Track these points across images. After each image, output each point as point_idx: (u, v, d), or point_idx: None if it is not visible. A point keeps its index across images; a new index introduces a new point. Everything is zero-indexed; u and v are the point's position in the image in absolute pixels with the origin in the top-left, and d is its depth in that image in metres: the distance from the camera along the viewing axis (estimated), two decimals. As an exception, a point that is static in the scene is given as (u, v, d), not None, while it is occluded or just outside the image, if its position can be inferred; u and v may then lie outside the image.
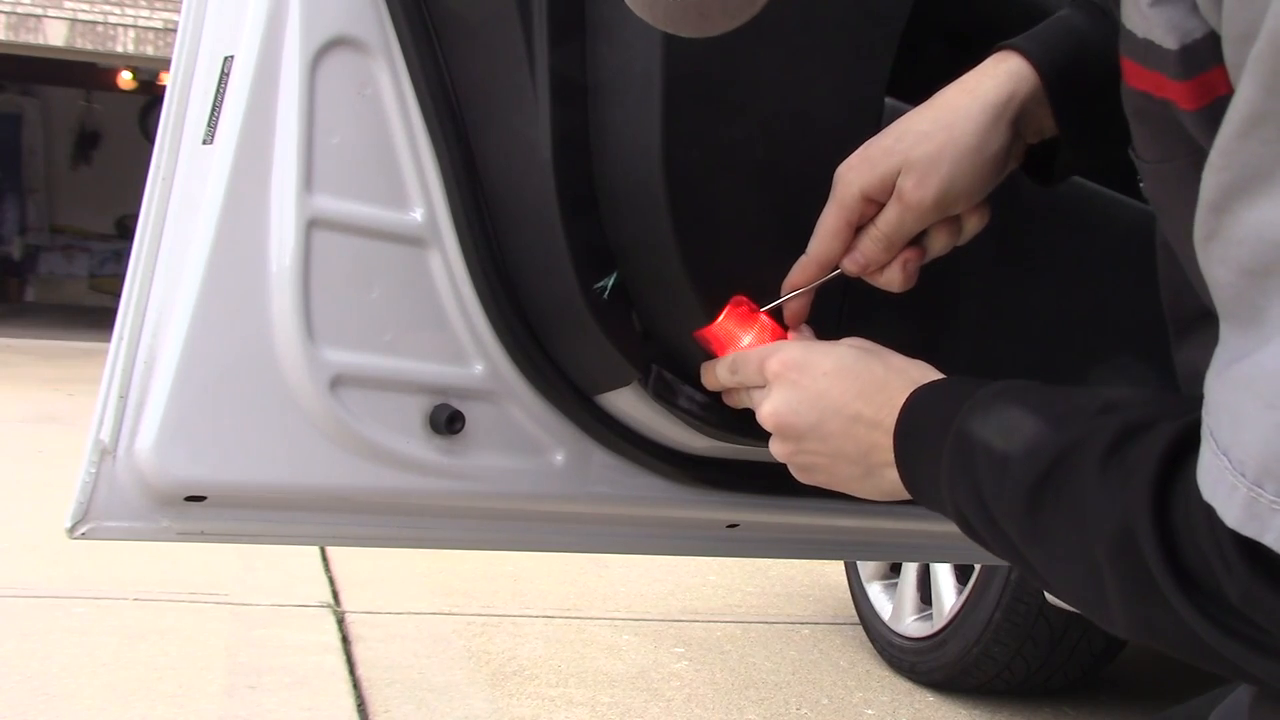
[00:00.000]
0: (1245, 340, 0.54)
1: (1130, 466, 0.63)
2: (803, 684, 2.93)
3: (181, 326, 0.97)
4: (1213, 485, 0.55)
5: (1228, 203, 0.53)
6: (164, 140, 1.00)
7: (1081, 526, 0.65)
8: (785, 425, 0.83)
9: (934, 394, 0.79)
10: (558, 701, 2.65)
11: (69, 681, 2.51)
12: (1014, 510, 0.69)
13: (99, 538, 0.99)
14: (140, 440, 0.97)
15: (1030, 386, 0.74)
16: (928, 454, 0.76)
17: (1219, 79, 0.54)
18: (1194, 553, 0.58)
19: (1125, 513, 0.61)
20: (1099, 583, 0.64)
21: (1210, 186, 0.54)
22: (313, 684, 2.61)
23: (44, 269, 13.98)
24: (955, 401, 0.75)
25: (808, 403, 0.82)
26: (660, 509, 1.21)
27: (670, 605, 3.50)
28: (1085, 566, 0.65)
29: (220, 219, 0.98)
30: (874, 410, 0.80)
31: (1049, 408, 0.70)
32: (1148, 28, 0.58)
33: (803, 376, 0.83)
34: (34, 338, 9.87)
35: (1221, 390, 0.56)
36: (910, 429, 0.78)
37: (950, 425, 0.74)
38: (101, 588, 3.13)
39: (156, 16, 9.63)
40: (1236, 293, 0.54)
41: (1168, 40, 0.56)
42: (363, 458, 1.04)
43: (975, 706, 2.87)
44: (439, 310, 1.07)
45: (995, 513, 0.71)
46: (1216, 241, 0.55)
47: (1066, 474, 0.66)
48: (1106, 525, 0.62)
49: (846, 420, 0.81)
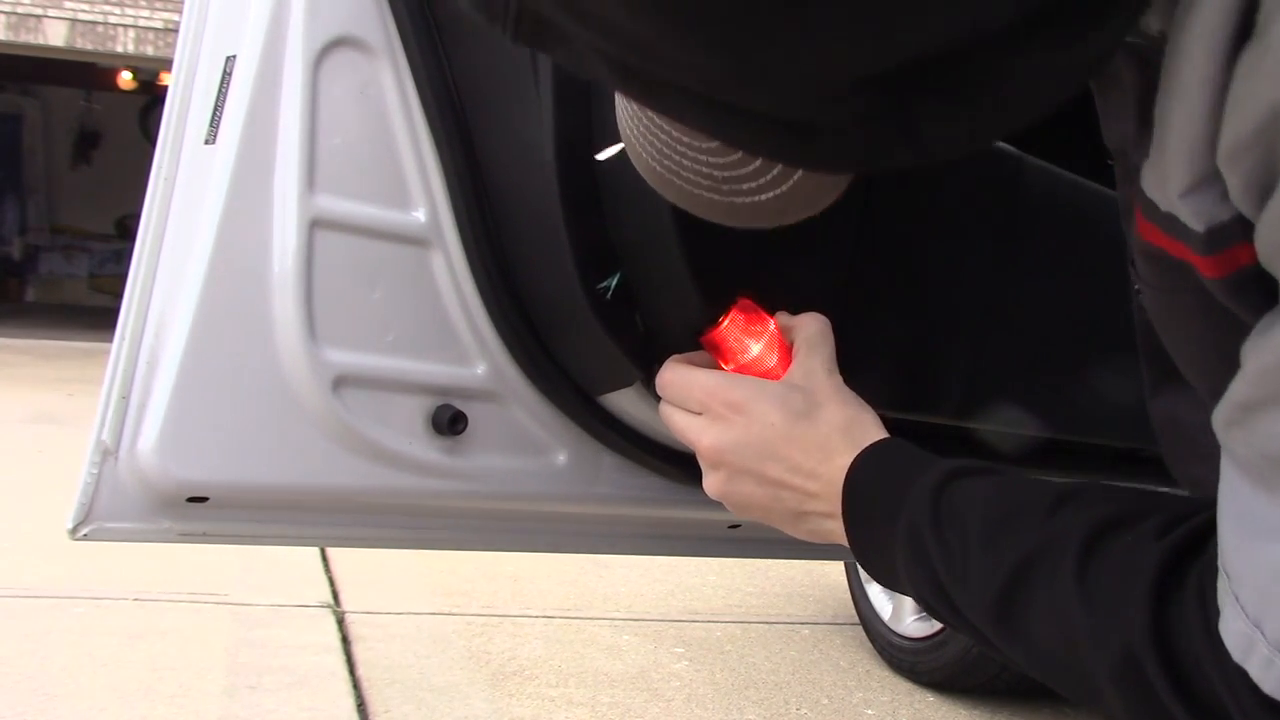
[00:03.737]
0: (1268, 509, 0.54)
1: (1116, 582, 0.62)
2: (803, 684, 2.93)
3: (183, 327, 0.97)
4: (1245, 652, 0.55)
5: (1258, 409, 0.53)
6: (166, 140, 1.00)
7: (1070, 639, 0.64)
8: (724, 462, 0.84)
9: (877, 470, 0.79)
10: (558, 701, 2.65)
11: (69, 681, 2.51)
12: (983, 615, 0.69)
13: (101, 539, 0.99)
14: (142, 441, 0.97)
15: (972, 470, 0.74)
16: (878, 540, 0.76)
17: (1244, 252, 0.53)
18: (1201, 678, 0.58)
19: (1124, 636, 0.61)
20: (1095, 689, 0.64)
21: (1240, 391, 0.54)
22: (313, 684, 2.61)
23: (44, 269, 13.98)
24: (902, 483, 0.75)
25: (751, 448, 0.83)
26: (662, 510, 1.21)
27: (670, 605, 3.49)
28: (1077, 675, 0.65)
29: (222, 219, 0.98)
30: (813, 464, 0.81)
31: (1000, 501, 0.70)
32: (1171, 206, 0.56)
33: (751, 424, 0.83)
34: (34, 338, 9.87)
35: (1247, 564, 0.55)
36: (858, 513, 0.78)
37: (899, 514, 0.74)
38: (101, 588, 3.12)
39: (156, 16, 9.63)
40: (1259, 469, 0.54)
41: (1194, 223, 0.54)
42: (365, 458, 1.04)
43: (975, 706, 2.87)
44: (441, 311, 1.06)
45: (961, 608, 0.71)
46: (1240, 429, 0.55)
47: (1036, 582, 0.66)
48: (1104, 647, 0.62)
49: (786, 469, 0.82)
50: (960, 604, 0.71)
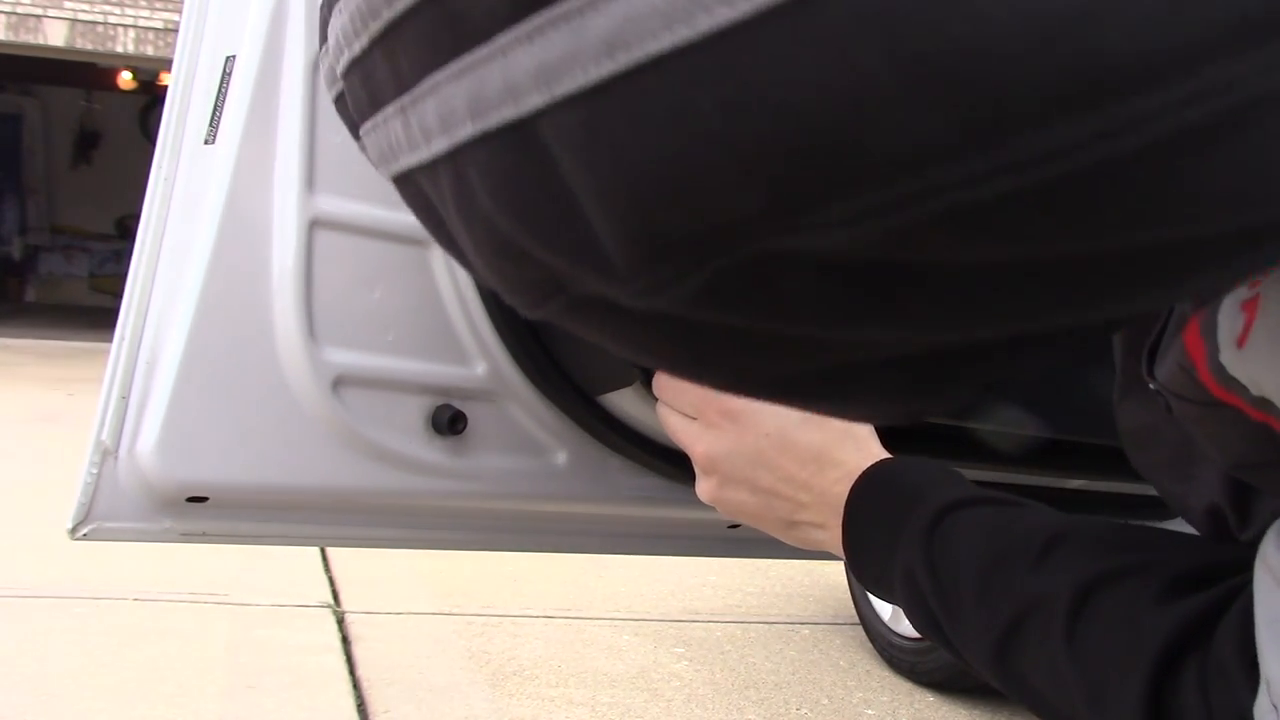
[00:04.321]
0: None
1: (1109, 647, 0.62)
2: (803, 684, 2.93)
3: (183, 327, 0.97)
4: None
5: None
6: (166, 140, 1.00)
7: (1069, 698, 0.64)
8: (717, 469, 0.84)
9: (872, 505, 0.79)
10: (558, 701, 2.65)
11: (69, 681, 2.51)
12: (983, 665, 0.69)
13: (101, 539, 0.99)
14: (142, 441, 0.97)
15: (964, 502, 0.73)
16: (881, 576, 0.77)
17: None
18: None
19: (1121, 709, 0.61)
20: None
21: None
22: (313, 684, 2.61)
23: (44, 269, 13.99)
24: (895, 521, 0.75)
25: (744, 456, 0.83)
26: (662, 510, 1.21)
27: (670, 605, 3.49)
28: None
29: (222, 219, 0.98)
30: (806, 475, 0.81)
31: (989, 547, 0.70)
32: (1260, 390, 0.52)
33: (744, 432, 0.83)
34: (34, 338, 9.87)
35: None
36: (858, 551, 0.78)
37: (894, 557, 0.74)
38: (101, 588, 3.12)
39: (156, 16, 9.63)
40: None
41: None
42: (365, 458, 1.04)
43: (975, 706, 2.87)
44: (441, 311, 1.06)
45: (963, 654, 0.71)
46: None
47: (1029, 641, 0.66)
48: (1102, 714, 0.62)
49: (778, 479, 0.82)
50: (962, 650, 0.71)
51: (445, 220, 0.33)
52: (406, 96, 0.30)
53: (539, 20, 0.25)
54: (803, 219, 0.25)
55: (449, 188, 0.31)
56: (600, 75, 0.24)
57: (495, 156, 0.28)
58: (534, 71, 0.26)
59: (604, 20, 0.24)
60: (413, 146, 0.31)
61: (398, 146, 0.33)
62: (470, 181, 0.29)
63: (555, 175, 0.27)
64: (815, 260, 0.26)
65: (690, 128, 0.24)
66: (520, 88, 0.26)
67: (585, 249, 0.28)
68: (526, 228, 0.29)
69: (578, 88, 0.25)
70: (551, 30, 0.25)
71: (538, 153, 0.27)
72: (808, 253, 0.26)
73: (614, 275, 0.28)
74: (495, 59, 0.26)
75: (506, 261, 0.31)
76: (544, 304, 0.32)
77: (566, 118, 0.25)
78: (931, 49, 0.22)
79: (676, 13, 0.23)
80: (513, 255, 0.30)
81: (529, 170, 0.27)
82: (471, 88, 0.27)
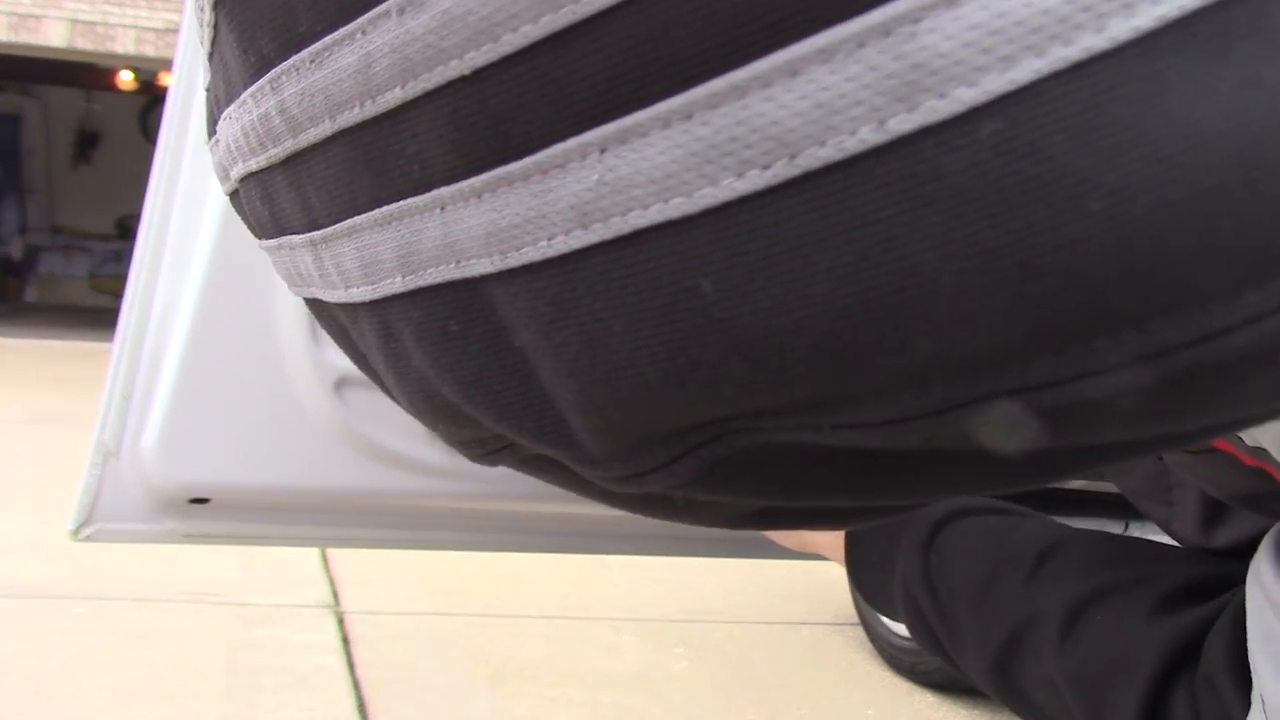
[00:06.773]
0: None
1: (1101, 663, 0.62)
2: (803, 684, 2.93)
3: (185, 327, 0.97)
4: None
5: None
6: (167, 139, 1.00)
7: (1064, 712, 0.65)
8: None
9: None
10: (558, 701, 2.65)
11: (69, 681, 2.51)
12: (983, 680, 0.70)
13: (103, 540, 0.99)
14: (144, 442, 0.97)
15: (956, 513, 0.74)
16: (882, 593, 0.77)
17: None
18: None
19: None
20: None
21: None
22: (313, 684, 2.61)
23: (44, 269, 13.98)
24: (892, 536, 0.75)
25: None
26: (663, 510, 1.21)
27: (670, 605, 3.49)
28: None
29: (223, 219, 0.98)
30: None
31: (982, 560, 0.70)
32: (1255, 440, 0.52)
33: None
34: (34, 338, 9.87)
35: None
36: (859, 570, 0.79)
37: (893, 572, 0.74)
38: (101, 588, 3.13)
39: (156, 16, 9.63)
40: None
41: None
42: (367, 459, 1.04)
43: (975, 706, 2.87)
44: (442, 311, 1.07)
45: (963, 669, 0.72)
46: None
47: (1025, 658, 0.66)
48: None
49: None
50: (962, 665, 0.72)
51: (368, 359, 0.26)
52: (318, 234, 0.24)
53: (488, 177, 0.19)
54: (826, 420, 0.19)
55: (374, 338, 0.25)
56: (570, 247, 0.19)
57: (432, 316, 0.22)
58: (481, 236, 0.20)
59: (575, 185, 0.18)
60: (327, 285, 0.25)
61: (308, 278, 0.26)
62: (401, 338, 0.23)
63: (509, 346, 0.21)
64: (835, 448, 0.20)
65: (690, 311, 0.18)
66: (464, 251, 0.20)
67: (549, 429, 0.22)
68: (472, 398, 0.22)
69: (541, 258, 0.19)
70: (506, 190, 0.19)
71: (487, 317, 0.21)
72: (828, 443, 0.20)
73: (585, 459, 0.22)
74: (431, 213, 0.20)
75: (446, 422, 0.25)
76: (492, 458, 0.26)
77: (526, 286, 0.20)
78: None
79: (675, 187, 0.17)
80: (454, 418, 0.24)
81: (476, 336, 0.21)
82: (402, 240, 0.21)
